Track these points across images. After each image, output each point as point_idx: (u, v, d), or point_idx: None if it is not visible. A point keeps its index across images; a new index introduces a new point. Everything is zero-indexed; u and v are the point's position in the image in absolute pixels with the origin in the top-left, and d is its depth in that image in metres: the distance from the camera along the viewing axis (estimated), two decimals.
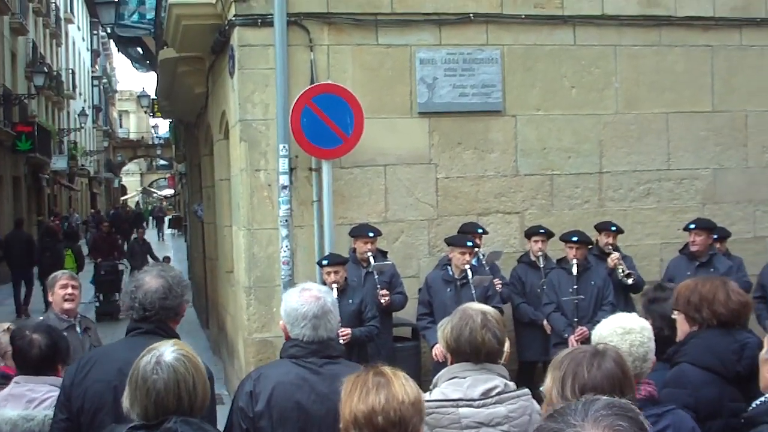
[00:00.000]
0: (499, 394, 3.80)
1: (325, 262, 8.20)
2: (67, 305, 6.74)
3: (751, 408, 3.47)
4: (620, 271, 9.15)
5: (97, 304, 19.25)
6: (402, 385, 2.98)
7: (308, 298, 3.97)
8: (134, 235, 24.93)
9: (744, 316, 4.40)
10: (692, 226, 9.29)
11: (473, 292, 8.24)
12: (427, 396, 3.80)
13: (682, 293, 4.49)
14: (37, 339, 4.55)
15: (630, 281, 9.11)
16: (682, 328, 4.48)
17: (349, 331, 7.80)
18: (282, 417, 3.81)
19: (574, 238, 8.92)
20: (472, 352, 3.85)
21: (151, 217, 57.19)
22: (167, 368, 3.09)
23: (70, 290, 6.76)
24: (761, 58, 10.85)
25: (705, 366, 4.24)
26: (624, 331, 3.88)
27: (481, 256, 9.19)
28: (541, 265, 9.32)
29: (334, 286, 7.80)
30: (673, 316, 4.55)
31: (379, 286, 8.62)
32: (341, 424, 2.99)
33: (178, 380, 3.08)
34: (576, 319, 8.76)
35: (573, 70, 10.20)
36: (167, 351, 3.15)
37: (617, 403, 1.97)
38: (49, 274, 7.56)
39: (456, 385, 3.82)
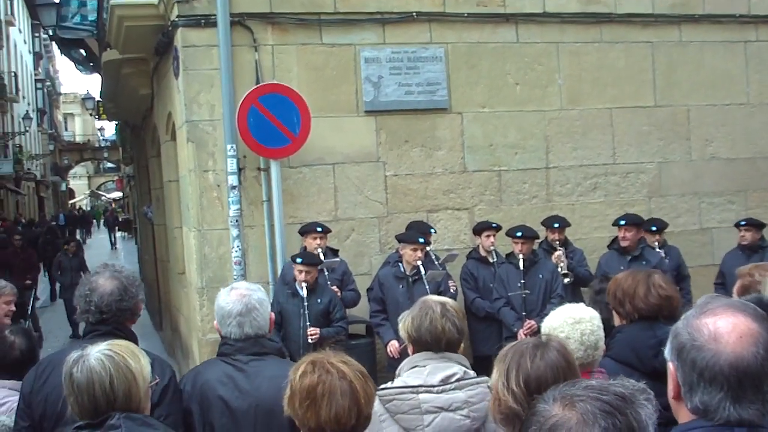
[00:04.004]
0: (458, 380, 3.88)
1: (298, 260, 8.19)
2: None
3: None
4: (560, 268, 9.22)
5: None
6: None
7: (234, 297, 4.06)
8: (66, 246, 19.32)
9: (668, 309, 4.39)
10: (622, 222, 9.40)
11: (427, 287, 8.29)
12: (389, 384, 3.89)
13: (611, 288, 4.56)
14: (18, 342, 4.58)
15: (567, 280, 9.16)
16: (615, 321, 4.57)
17: (317, 330, 7.91)
18: (206, 413, 3.92)
19: (519, 234, 8.99)
20: (432, 341, 3.91)
21: (102, 221, 56.35)
22: (85, 368, 3.12)
23: None
24: (700, 54, 11.05)
25: (623, 361, 4.28)
26: (574, 320, 3.97)
27: (433, 257, 9.22)
28: (494, 260, 9.40)
29: (304, 285, 7.99)
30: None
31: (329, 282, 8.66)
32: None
33: (93, 380, 3.10)
34: (524, 313, 8.84)
35: (516, 67, 10.30)
36: (93, 351, 3.18)
37: (594, 386, 1.92)
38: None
39: (417, 373, 3.88)
